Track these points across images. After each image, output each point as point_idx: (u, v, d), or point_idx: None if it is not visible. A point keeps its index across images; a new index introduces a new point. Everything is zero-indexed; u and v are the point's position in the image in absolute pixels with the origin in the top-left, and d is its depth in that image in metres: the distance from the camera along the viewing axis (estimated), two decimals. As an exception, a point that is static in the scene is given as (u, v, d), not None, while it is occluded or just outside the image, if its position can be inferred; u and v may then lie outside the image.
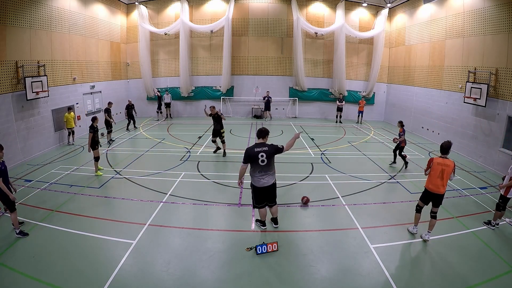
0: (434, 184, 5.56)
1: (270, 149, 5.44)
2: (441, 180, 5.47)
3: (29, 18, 10.54)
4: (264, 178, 5.49)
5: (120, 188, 8.03)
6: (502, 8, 10.01)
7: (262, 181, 5.49)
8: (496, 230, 6.13)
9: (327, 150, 12.00)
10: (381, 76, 18.89)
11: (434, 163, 5.53)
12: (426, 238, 5.72)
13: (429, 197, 5.71)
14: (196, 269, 4.83)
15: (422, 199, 5.85)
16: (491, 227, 6.18)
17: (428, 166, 5.63)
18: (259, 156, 5.37)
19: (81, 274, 4.61)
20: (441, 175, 5.45)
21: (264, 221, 6.00)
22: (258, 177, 5.48)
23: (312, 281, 4.60)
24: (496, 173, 9.79)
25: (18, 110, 9.99)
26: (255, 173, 5.50)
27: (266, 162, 5.41)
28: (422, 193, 5.88)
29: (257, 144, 5.51)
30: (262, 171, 5.46)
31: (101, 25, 15.46)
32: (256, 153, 5.37)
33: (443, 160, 5.50)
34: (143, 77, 18.36)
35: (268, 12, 18.31)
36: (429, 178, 5.64)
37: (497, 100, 10.11)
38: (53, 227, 5.96)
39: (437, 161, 5.51)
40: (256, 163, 5.40)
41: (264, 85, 19.10)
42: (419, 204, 5.92)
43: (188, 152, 11.33)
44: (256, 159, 5.37)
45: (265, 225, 6.01)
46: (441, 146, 5.63)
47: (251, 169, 5.56)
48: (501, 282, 4.63)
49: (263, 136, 5.59)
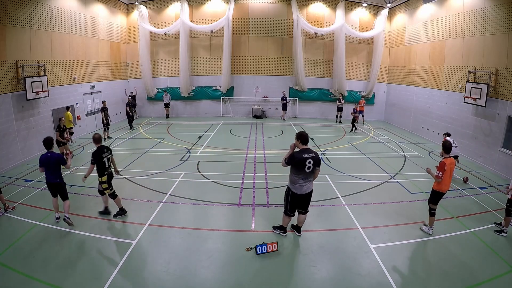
0: (447, 184, 5.74)
1: (317, 156, 5.23)
2: (451, 178, 5.78)
3: (29, 18, 10.54)
4: (306, 185, 5.28)
5: (120, 188, 7.99)
6: (502, 8, 10.01)
7: (304, 188, 5.26)
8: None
9: (327, 150, 12.00)
10: (381, 76, 18.89)
11: (447, 164, 5.57)
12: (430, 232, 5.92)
13: (441, 197, 5.83)
14: (196, 269, 4.83)
15: (436, 202, 5.85)
16: (504, 235, 5.88)
17: (443, 169, 5.56)
18: (306, 163, 5.09)
19: (81, 274, 4.61)
20: (451, 174, 5.72)
21: (286, 228, 5.83)
22: (301, 184, 5.23)
23: (312, 281, 4.60)
24: (496, 173, 9.79)
25: (18, 110, 9.99)
26: (298, 180, 5.22)
27: (311, 169, 5.22)
28: (434, 197, 5.84)
29: (302, 150, 5.19)
30: (306, 178, 5.23)
31: (101, 25, 15.46)
32: (304, 160, 5.09)
33: (450, 159, 5.68)
34: (143, 77, 18.36)
35: (268, 12, 18.31)
36: (443, 181, 5.65)
37: (497, 100, 10.11)
38: (53, 227, 5.97)
39: (448, 162, 5.61)
40: (303, 169, 5.13)
41: (264, 85, 19.12)
42: (432, 207, 5.87)
43: (188, 152, 11.33)
44: (304, 165, 5.10)
45: (286, 232, 5.83)
46: (446, 147, 5.73)
47: (293, 176, 5.25)
48: (501, 282, 4.63)
49: (307, 142, 5.29)
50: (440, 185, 5.72)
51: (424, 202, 7.37)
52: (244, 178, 8.70)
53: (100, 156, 5.98)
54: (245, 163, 10.17)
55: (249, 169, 9.52)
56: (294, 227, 5.93)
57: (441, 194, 5.82)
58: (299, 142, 5.23)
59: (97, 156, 5.95)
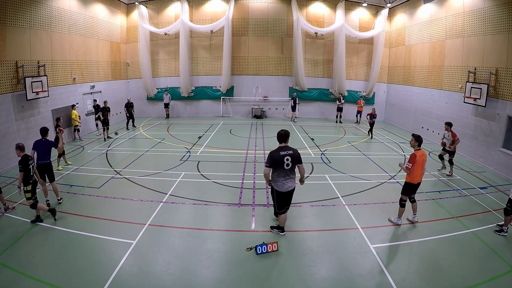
0: (420, 175, 6.01)
1: (295, 153, 5.28)
2: (422, 169, 6.01)
3: (29, 18, 10.54)
4: (288, 182, 5.32)
5: (120, 188, 8.02)
6: (502, 8, 10.01)
7: (286, 186, 5.31)
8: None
9: (327, 150, 12.00)
10: (381, 76, 18.89)
11: (417, 156, 5.85)
12: (416, 219, 6.24)
13: (413, 188, 6.10)
14: (196, 269, 4.83)
15: (407, 193, 6.15)
16: (503, 234, 5.90)
17: (413, 161, 5.85)
18: (284, 160, 5.17)
19: (81, 274, 4.61)
20: (422, 166, 5.97)
21: (283, 227, 5.84)
22: (282, 181, 5.28)
23: (312, 281, 4.60)
24: (496, 173, 9.79)
25: (18, 110, 10.00)
26: (279, 178, 5.27)
27: (291, 166, 5.24)
28: (406, 188, 6.12)
29: (281, 147, 5.29)
30: (286, 175, 5.28)
31: (101, 25, 15.46)
32: (281, 157, 5.16)
33: (421, 151, 5.96)
34: (143, 77, 18.37)
35: (268, 12, 18.32)
36: (414, 173, 5.91)
37: (497, 100, 10.11)
38: (53, 227, 5.97)
39: (418, 154, 5.91)
40: (281, 167, 5.19)
41: (264, 85, 19.12)
42: (404, 198, 6.18)
43: (188, 152, 11.33)
44: (282, 163, 5.16)
45: (284, 231, 5.84)
46: (419, 139, 6.01)
47: (274, 174, 5.31)
48: (501, 282, 4.63)
49: (285, 139, 5.35)
50: (411, 176, 5.97)
51: (424, 202, 7.39)
52: (244, 178, 8.70)
53: (27, 163, 5.90)
54: (245, 163, 10.17)
55: (249, 169, 9.52)
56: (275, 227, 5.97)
57: (413, 186, 6.06)
58: (277, 139, 5.42)
59: (25, 164, 5.84)
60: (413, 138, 6.11)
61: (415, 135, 6.12)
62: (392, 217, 6.39)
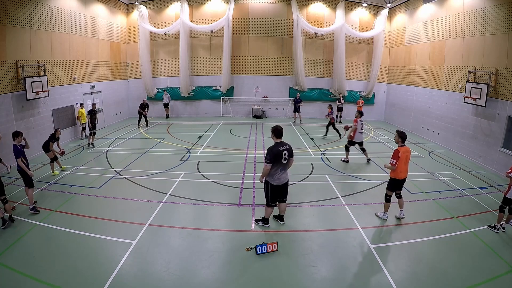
0: (404, 171, 6.12)
1: (290, 148, 5.66)
2: (406, 165, 6.14)
3: (29, 18, 10.54)
4: (283, 175, 5.63)
5: (120, 188, 8.02)
6: (502, 8, 10.01)
7: (281, 179, 5.62)
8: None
9: (327, 150, 12.00)
10: (381, 76, 18.88)
11: (401, 153, 5.95)
12: (402, 216, 6.34)
13: (398, 184, 6.21)
14: (196, 269, 4.83)
15: (392, 189, 6.28)
16: (495, 231, 6.01)
17: (397, 157, 5.94)
18: (283, 155, 5.49)
19: (81, 274, 4.61)
20: (406, 162, 6.09)
21: (268, 219, 6.07)
22: (279, 175, 5.58)
23: (312, 281, 4.60)
24: (496, 173, 9.78)
25: (18, 110, 9.99)
26: (276, 172, 5.55)
27: (287, 160, 5.60)
28: (391, 184, 6.26)
29: (278, 143, 5.60)
30: (282, 169, 5.61)
31: (101, 25, 15.45)
32: (281, 152, 5.48)
33: (405, 148, 6.06)
34: (143, 77, 18.36)
35: (268, 12, 18.31)
36: (398, 169, 6.02)
37: (497, 100, 10.11)
38: (53, 227, 5.96)
39: (402, 150, 6.00)
40: (280, 161, 5.51)
41: (264, 85, 19.11)
42: (389, 194, 6.33)
43: (188, 152, 11.33)
44: (281, 158, 5.48)
45: (269, 223, 6.08)
46: (403, 136, 6.08)
47: (271, 169, 5.56)
48: (501, 282, 4.63)
49: (281, 136, 5.67)
50: (395, 172, 6.09)
51: (424, 202, 7.40)
52: (244, 178, 8.70)
53: None
54: (245, 163, 10.17)
55: (249, 169, 9.52)
56: (277, 217, 6.25)
57: (397, 181, 6.18)
58: (273, 135, 5.65)
59: None
60: (397, 134, 6.19)
61: (399, 132, 6.20)
62: (378, 212, 6.59)
